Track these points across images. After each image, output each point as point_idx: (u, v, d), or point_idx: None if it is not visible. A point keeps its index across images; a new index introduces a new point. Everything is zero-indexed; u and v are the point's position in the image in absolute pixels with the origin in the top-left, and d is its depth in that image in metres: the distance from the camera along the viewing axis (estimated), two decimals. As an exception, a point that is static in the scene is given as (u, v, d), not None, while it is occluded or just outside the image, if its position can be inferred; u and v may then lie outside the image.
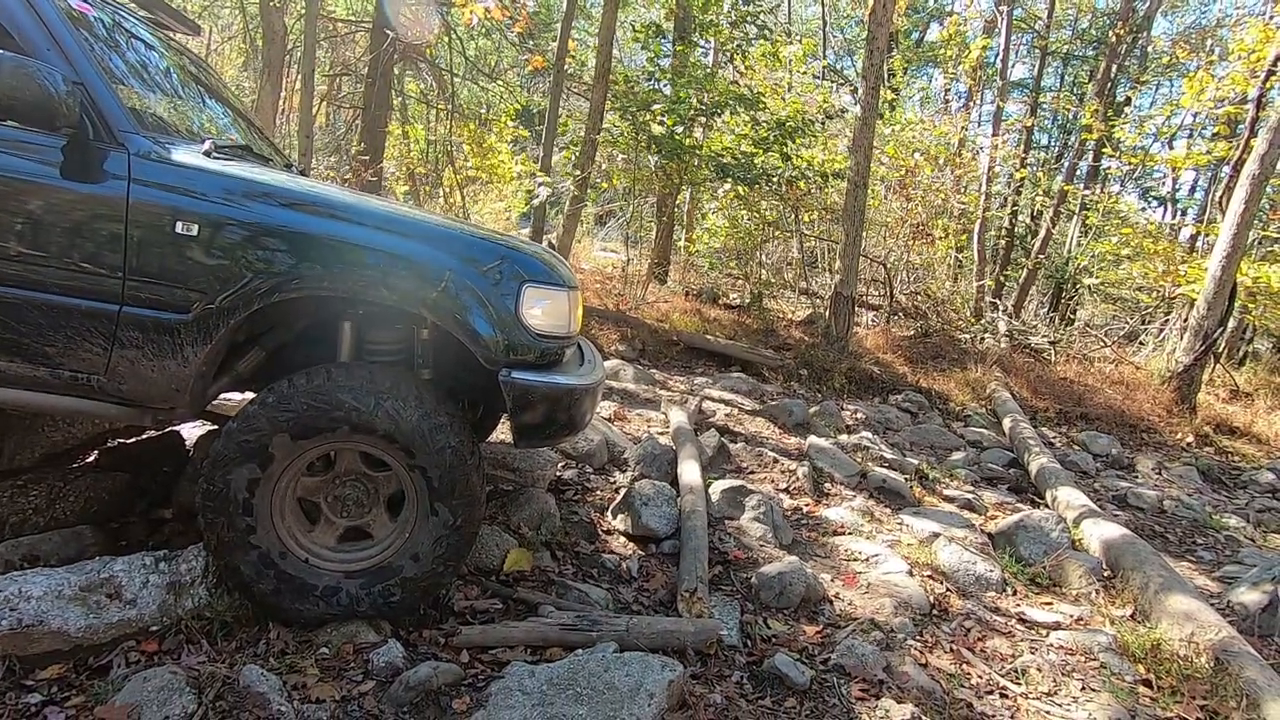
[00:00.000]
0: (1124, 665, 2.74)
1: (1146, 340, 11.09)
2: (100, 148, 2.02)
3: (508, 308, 2.18)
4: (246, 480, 2.06)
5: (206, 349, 2.05)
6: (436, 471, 2.15)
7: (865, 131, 7.40)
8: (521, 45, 11.76)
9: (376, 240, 2.11)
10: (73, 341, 2.02)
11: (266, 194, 2.11)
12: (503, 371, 2.17)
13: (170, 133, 2.27)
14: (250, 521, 2.07)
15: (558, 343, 2.30)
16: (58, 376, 2.06)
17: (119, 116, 2.06)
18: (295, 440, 2.08)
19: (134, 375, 2.07)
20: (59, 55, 2.02)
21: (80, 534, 2.42)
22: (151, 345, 2.04)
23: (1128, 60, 14.21)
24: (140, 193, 2.01)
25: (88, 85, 2.03)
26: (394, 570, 2.19)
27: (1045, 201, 13.88)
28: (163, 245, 2.01)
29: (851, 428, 5.76)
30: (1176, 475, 6.05)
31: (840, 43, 19.58)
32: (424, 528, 2.20)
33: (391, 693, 1.92)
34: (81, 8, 2.24)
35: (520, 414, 2.20)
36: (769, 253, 12.02)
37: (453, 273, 2.14)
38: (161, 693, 1.70)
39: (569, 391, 2.25)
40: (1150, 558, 3.44)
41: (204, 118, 2.72)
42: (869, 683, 2.37)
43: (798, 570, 2.94)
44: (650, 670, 1.97)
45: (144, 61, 2.53)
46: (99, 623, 1.86)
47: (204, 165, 2.10)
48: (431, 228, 2.27)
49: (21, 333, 2.01)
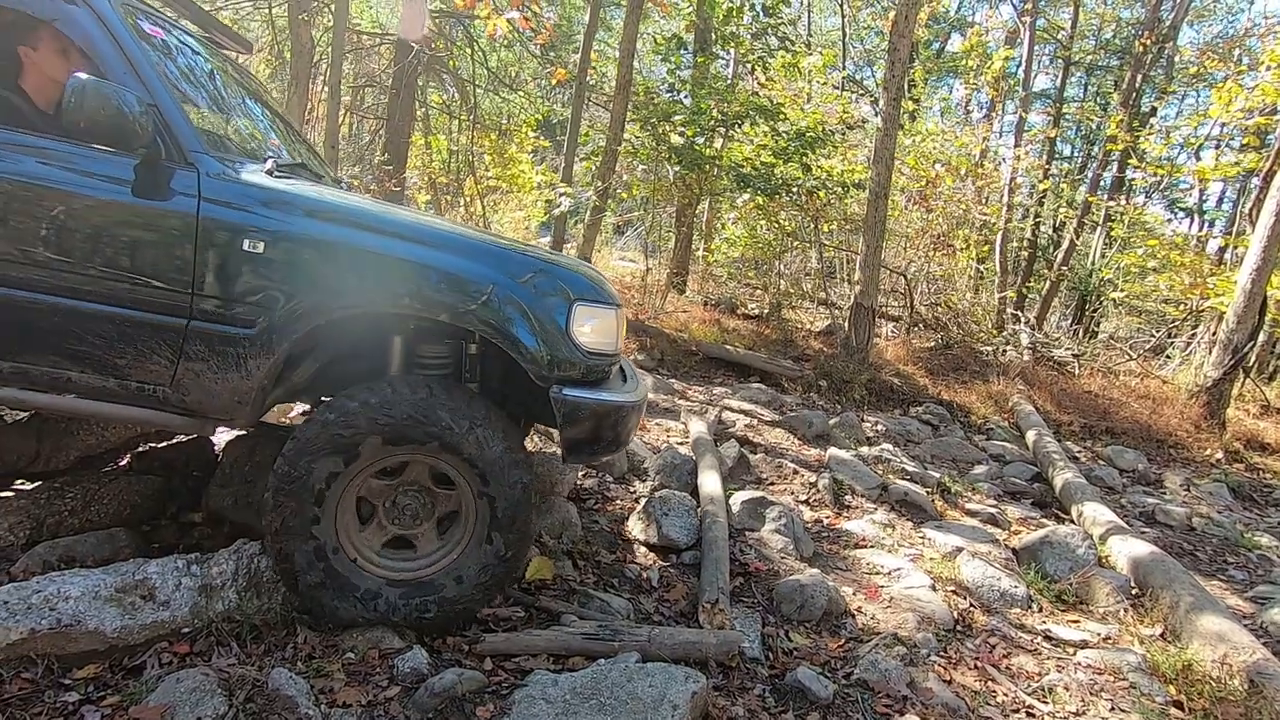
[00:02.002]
0: (1154, 686, 2.69)
1: (1173, 354, 10.90)
2: (171, 167, 2.09)
3: (560, 326, 2.23)
4: (328, 473, 2.10)
5: (269, 363, 2.11)
6: (503, 504, 2.21)
7: (886, 142, 7.38)
8: (543, 57, 11.89)
9: (438, 260, 2.16)
10: (141, 354, 2.09)
11: (329, 213, 2.17)
12: (554, 388, 2.21)
13: (234, 151, 2.34)
14: (318, 512, 2.11)
15: (605, 360, 2.34)
16: (125, 387, 2.13)
17: (189, 137, 2.13)
18: (385, 444, 2.13)
19: (198, 387, 2.13)
20: (134, 78, 2.10)
21: (114, 536, 2.47)
22: (217, 358, 2.10)
23: (1153, 70, 14.05)
24: (209, 211, 2.07)
25: (161, 107, 2.10)
26: (435, 587, 2.23)
27: (1069, 213, 13.74)
28: (231, 262, 2.07)
29: (872, 440, 5.72)
30: (1206, 492, 5.93)
31: (860, 53, 19.56)
32: (475, 553, 2.25)
33: (417, 699, 1.94)
34: (152, 30, 2.32)
35: (571, 430, 2.24)
36: (788, 263, 12.00)
37: (510, 292, 2.18)
38: (194, 694, 1.73)
39: (617, 408, 2.29)
40: (1180, 576, 3.37)
41: (261, 135, 2.78)
42: (893, 698, 2.35)
43: (819, 583, 2.92)
44: (674, 681, 1.97)
45: (207, 81, 2.61)
46: (134, 624, 1.90)
47: (270, 185, 2.17)
48: (489, 248, 2.32)
49: (93, 345, 2.07)
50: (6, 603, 1.80)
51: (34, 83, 2.42)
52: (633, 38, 8.05)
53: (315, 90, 10.36)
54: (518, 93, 13.06)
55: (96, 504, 2.61)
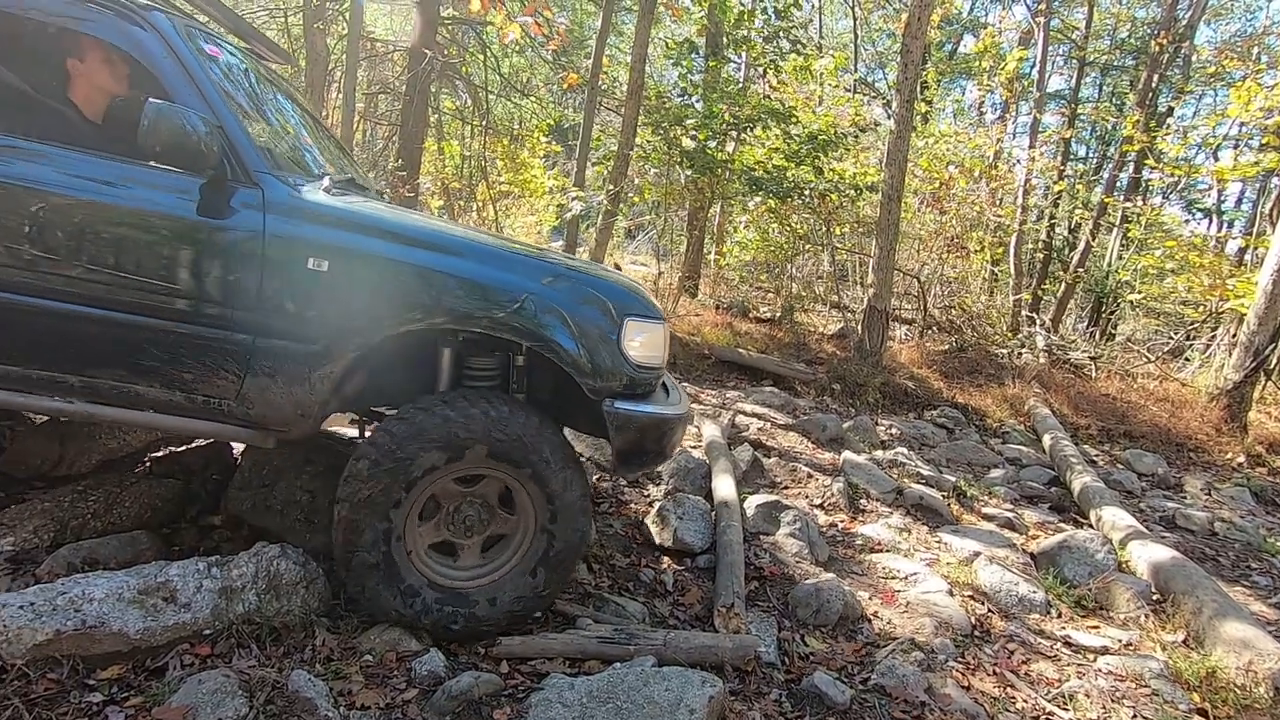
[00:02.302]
0: (1177, 693, 2.65)
1: (1193, 356, 10.75)
2: (237, 187, 2.14)
3: (612, 340, 2.28)
4: (429, 465, 2.16)
5: (332, 377, 2.16)
6: (560, 544, 2.30)
7: (900, 145, 7.35)
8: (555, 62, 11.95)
9: (495, 279, 2.21)
10: (209, 369, 2.14)
11: (389, 231, 2.21)
12: (606, 401, 2.26)
13: (291, 169, 2.38)
14: (403, 497, 2.16)
15: (653, 373, 2.39)
16: (191, 400, 2.18)
17: (254, 157, 2.17)
18: (489, 456, 2.20)
19: (263, 400, 2.18)
20: (201, 100, 2.15)
21: (136, 539, 2.50)
22: (282, 373, 2.15)
23: (1170, 70, 13.90)
24: (275, 230, 2.12)
25: (226, 129, 2.14)
26: (469, 602, 2.27)
27: (1084, 214, 13.60)
28: (295, 281, 2.12)
29: (886, 443, 5.69)
30: (1227, 496, 5.83)
31: (872, 55, 19.49)
32: (516, 581, 2.31)
33: (434, 701, 1.95)
34: (212, 50, 2.36)
35: (622, 441, 2.30)
36: (800, 266, 11.96)
37: (566, 309, 2.24)
38: (215, 695, 1.75)
39: (665, 421, 2.34)
40: (1203, 581, 3.33)
41: (311, 150, 2.81)
42: (910, 704, 2.33)
43: (835, 587, 2.91)
44: (690, 685, 1.97)
45: (260, 97, 2.65)
46: (156, 625, 1.92)
47: (331, 204, 2.22)
48: (545, 265, 2.37)
49: (162, 360, 2.13)
50: (33, 604, 1.83)
51: (82, 94, 2.48)
52: (644, 42, 8.07)
53: (330, 97, 10.47)
54: (530, 98, 13.13)
55: (118, 507, 2.65)
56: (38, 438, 3.00)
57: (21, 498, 2.66)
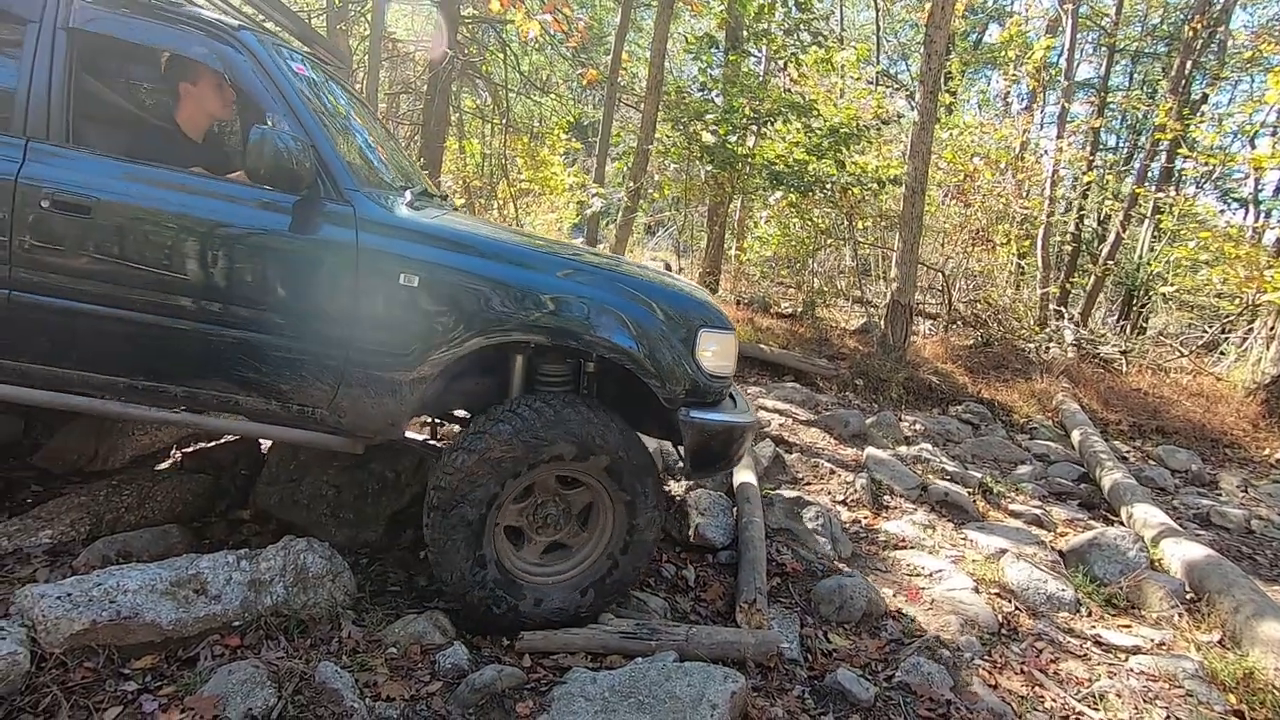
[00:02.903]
0: (1212, 694, 2.59)
1: (1228, 350, 10.47)
2: (330, 206, 2.21)
3: (687, 351, 2.33)
4: (558, 454, 2.24)
5: (421, 388, 2.23)
6: (620, 574, 2.41)
7: (923, 137, 7.24)
8: (574, 59, 11.95)
9: (587, 294, 2.28)
10: (306, 380, 2.22)
11: (478, 247, 2.28)
12: (682, 410, 2.32)
13: (376, 185, 2.43)
14: (523, 471, 2.24)
15: (724, 382, 2.44)
16: (287, 410, 2.27)
17: (344, 175, 2.24)
18: (605, 470, 2.31)
19: (355, 410, 2.26)
20: (294, 120, 2.23)
21: (168, 532, 2.56)
22: (374, 384, 2.22)
23: (1204, 55, 13.51)
24: (368, 246, 2.18)
25: (319, 148, 2.22)
26: (519, 594, 2.32)
27: (1114, 205, 13.28)
28: (388, 296, 2.18)
29: (910, 439, 5.62)
30: (1265, 493, 5.68)
31: (894, 46, 19.23)
32: (565, 593, 2.38)
33: (458, 694, 1.97)
34: (298, 69, 2.42)
35: (695, 449, 2.36)
36: (821, 261, 11.84)
37: (645, 320, 2.29)
38: (245, 685, 1.78)
39: (735, 428, 2.40)
40: (1239, 580, 3.24)
41: (387, 162, 2.84)
42: (935, 702, 2.31)
43: (859, 584, 2.88)
44: (713, 681, 1.96)
45: (340, 111, 2.70)
46: (188, 616, 1.96)
47: (421, 221, 2.28)
48: (628, 280, 2.41)
49: (262, 372, 2.22)
50: (70, 595, 1.88)
51: (186, 115, 2.62)
52: (664, 37, 8.05)
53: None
54: (549, 95, 13.16)
55: (151, 501, 2.71)
56: (74, 434, 3.08)
57: (59, 492, 2.73)
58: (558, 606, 2.35)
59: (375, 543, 2.86)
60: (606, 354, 2.28)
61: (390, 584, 2.59)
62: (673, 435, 2.70)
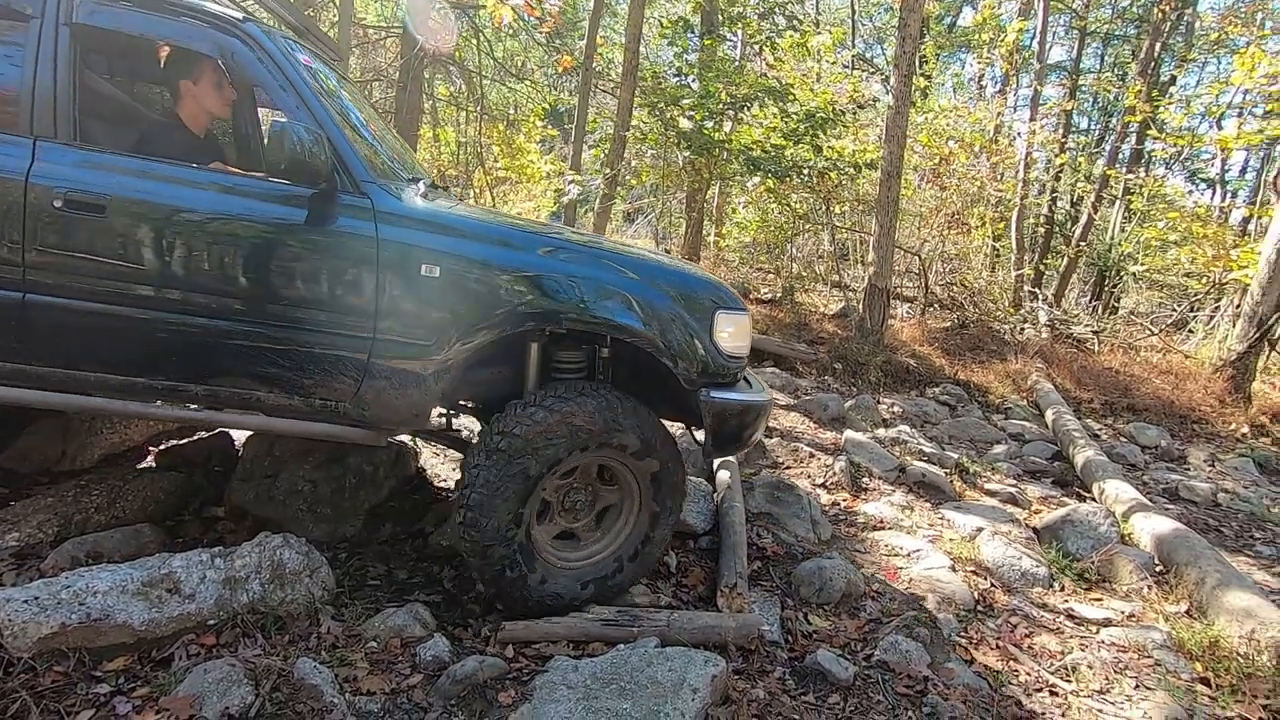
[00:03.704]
0: (1180, 663, 2.66)
1: (1196, 328, 10.70)
2: (347, 199, 2.18)
3: (705, 332, 2.37)
4: (622, 443, 2.32)
5: (446, 378, 2.24)
6: (629, 566, 2.49)
7: (898, 120, 7.27)
8: (549, 45, 11.81)
9: (609, 280, 2.30)
10: (328, 374, 2.21)
11: (494, 236, 2.28)
12: (702, 391, 2.36)
13: (387, 175, 2.39)
14: (582, 460, 2.32)
15: (739, 363, 2.49)
16: (310, 404, 2.25)
17: (359, 167, 2.21)
18: (653, 484, 2.44)
19: (379, 402, 2.25)
20: (307, 112, 2.19)
21: (139, 531, 2.51)
22: (398, 376, 2.21)
23: (1172, 38, 13.70)
24: (388, 238, 2.16)
25: (333, 141, 2.18)
26: (532, 564, 2.33)
27: (1086, 187, 13.48)
28: (410, 287, 2.17)
29: (888, 422, 5.68)
30: (1231, 467, 5.83)
31: (869, 30, 19.24)
32: (565, 578, 2.40)
33: (439, 686, 1.96)
34: (304, 60, 2.36)
35: (717, 429, 2.40)
36: (800, 246, 11.89)
37: (664, 304, 2.32)
38: (221, 684, 1.76)
39: (754, 407, 2.46)
40: (1205, 552, 3.33)
41: (392, 152, 2.78)
42: (914, 679, 2.34)
43: (838, 565, 2.91)
44: (694, 665, 1.98)
45: (346, 102, 2.64)
46: (161, 616, 1.93)
47: (437, 211, 2.27)
48: (647, 265, 2.44)
49: (283, 367, 2.19)
50: (37, 598, 1.84)
51: (189, 111, 2.59)
52: (638, 22, 7.97)
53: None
54: (524, 82, 13.01)
55: (121, 500, 2.66)
56: (41, 434, 3.01)
57: (26, 493, 2.67)
58: (556, 592, 2.36)
59: (354, 537, 2.84)
60: (636, 342, 2.31)
61: (370, 578, 2.57)
62: (686, 417, 2.77)
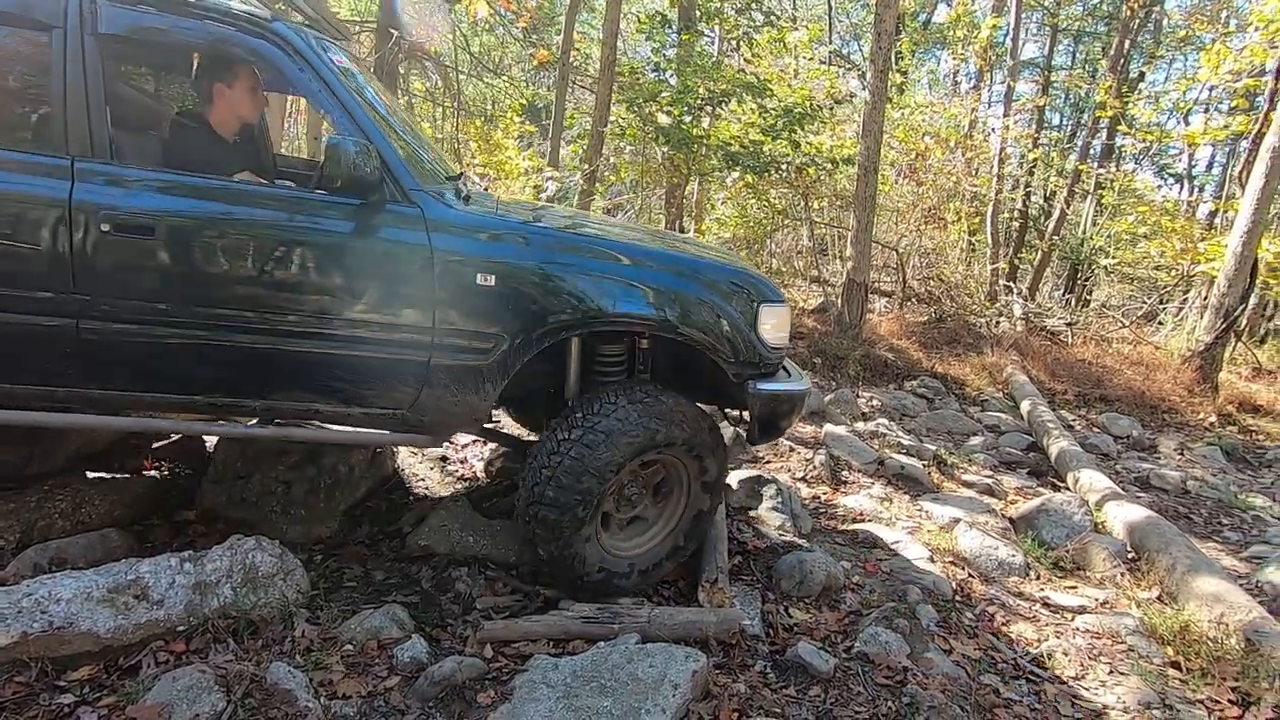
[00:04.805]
0: (1152, 648, 2.71)
1: (1165, 320, 10.93)
2: (398, 209, 2.14)
3: (749, 325, 2.42)
4: (687, 441, 2.40)
5: (504, 383, 2.25)
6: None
7: (875, 116, 7.31)
8: (526, 40, 11.72)
9: (662, 281, 2.34)
10: (387, 384, 2.23)
11: (544, 241, 2.29)
12: (749, 384, 2.42)
13: (432, 179, 2.34)
14: (665, 453, 2.42)
15: (780, 353, 2.54)
16: (368, 414, 2.28)
17: (406, 176, 2.17)
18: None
19: (437, 409, 2.27)
20: (349, 121, 2.14)
21: (106, 537, 2.45)
22: (456, 384, 2.23)
23: (1141, 35, 13.94)
24: (441, 249, 2.15)
25: (380, 150, 2.12)
26: (577, 562, 2.36)
27: (1059, 182, 13.69)
28: (466, 297, 2.17)
29: (867, 415, 5.72)
30: (1200, 455, 5.96)
31: (846, 27, 19.35)
32: (612, 563, 2.45)
33: (417, 687, 1.93)
34: (339, 61, 2.28)
35: (764, 419, 2.48)
36: (779, 241, 11.94)
37: (711, 300, 2.36)
38: (190, 691, 1.72)
39: (796, 396, 2.54)
40: (1175, 539, 3.39)
41: (428, 154, 2.70)
42: (893, 670, 2.36)
43: (818, 558, 2.92)
44: (674, 661, 1.97)
45: (377, 101, 2.55)
46: (127, 623, 1.88)
47: (487, 218, 2.27)
48: (696, 262, 2.47)
49: (343, 379, 2.21)
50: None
51: (219, 116, 2.52)
52: (616, 17, 7.94)
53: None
54: (503, 78, 12.89)
55: (87, 505, 2.59)
56: (2, 439, 2.91)
57: (-13, 500, 2.59)
58: (608, 574, 2.44)
59: (330, 538, 2.79)
60: (692, 342, 2.34)
61: (346, 579, 2.53)
62: (719, 400, 2.86)
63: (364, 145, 2.03)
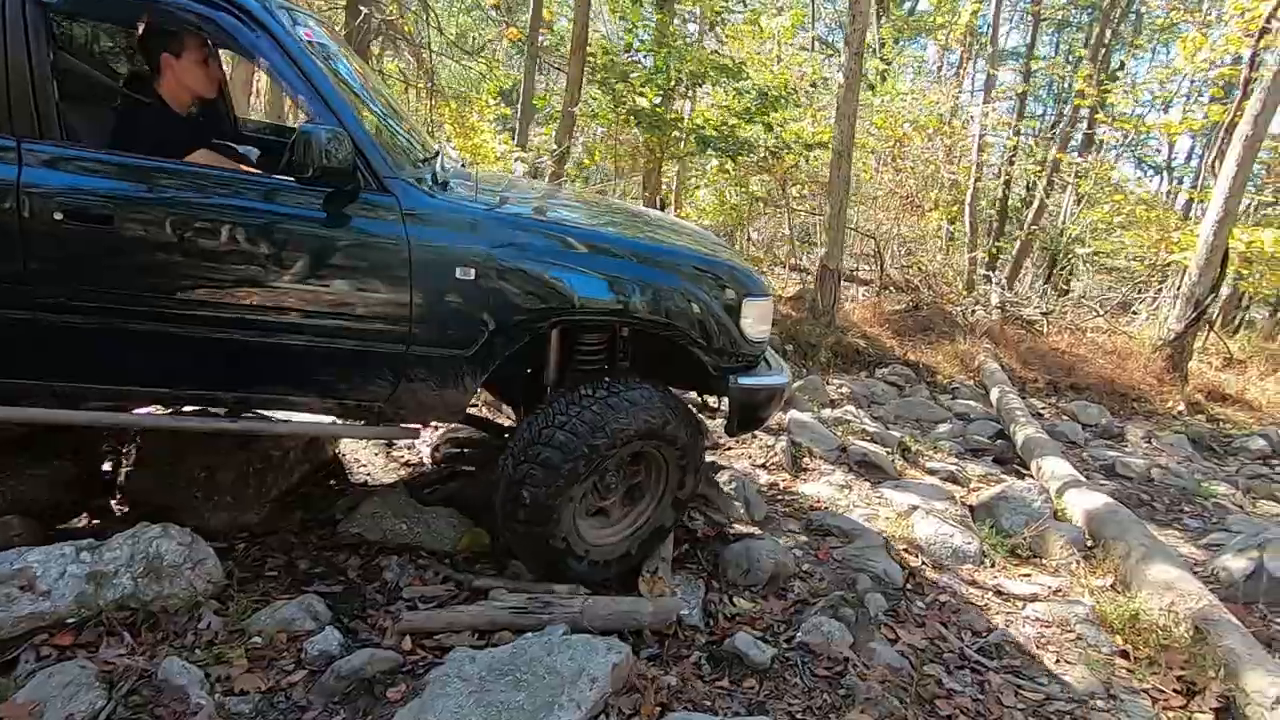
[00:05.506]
0: (1101, 637, 2.67)
1: (1140, 309, 10.97)
2: (372, 198, 2.03)
3: (733, 319, 2.39)
4: (673, 434, 2.36)
5: (484, 377, 2.21)
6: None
7: (849, 98, 7.21)
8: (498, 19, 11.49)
9: (647, 275, 2.28)
10: (364, 378, 2.16)
11: (534, 231, 2.22)
12: (729, 377, 2.40)
13: (408, 162, 2.21)
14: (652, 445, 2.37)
15: (762, 346, 2.54)
16: (344, 407, 2.24)
17: (381, 162, 2.05)
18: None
19: (415, 402, 2.22)
20: (321, 104, 2.00)
21: (7, 524, 2.30)
22: (436, 378, 2.17)
23: (1122, 25, 13.92)
24: (417, 240, 2.06)
25: (353, 135, 1.99)
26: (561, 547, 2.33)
27: (1039, 171, 13.67)
28: (444, 289, 2.09)
29: (836, 402, 5.66)
30: (1166, 443, 5.96)
31: (832, 15, 19.19)
32: (592, 550, 2.40)
33: (321, 682, 1.83)
34: (307, 34, 2.12)
35: (740, 410, 2.47)
36: (758, 229, 11.84)
37: (694, 293, 2.32)
38: (68, 688, 1.61)
39: (775, 389, 2.54)
40: (1132, 526, 3.35)
41: (405, 132, 2.53)
42: (834, 660, 2.29)
43: (766, 546, 2.85)
44: (595, 653, 1.88)
45: (352, 76, 2.39)
46: (7, 616, 1.77)
47: (465, 204, 2.17)
48: (684, 255, 2.42)
49: (318, 373, 2.14)
50: None
51: (170, 88, 2.36)
52: (588, -5, 7.76)
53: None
54: (478, 59, 12.65)
55: (-8, 492, 2.45)
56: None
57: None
58: (587, 564, 2.39)
59: (256, 525, 2.67)
60: (674, 336, 2.31)
61: (268, 569, 2.41)
62: (695, 387, 2.83)
63: (336, 131, 1.90)
